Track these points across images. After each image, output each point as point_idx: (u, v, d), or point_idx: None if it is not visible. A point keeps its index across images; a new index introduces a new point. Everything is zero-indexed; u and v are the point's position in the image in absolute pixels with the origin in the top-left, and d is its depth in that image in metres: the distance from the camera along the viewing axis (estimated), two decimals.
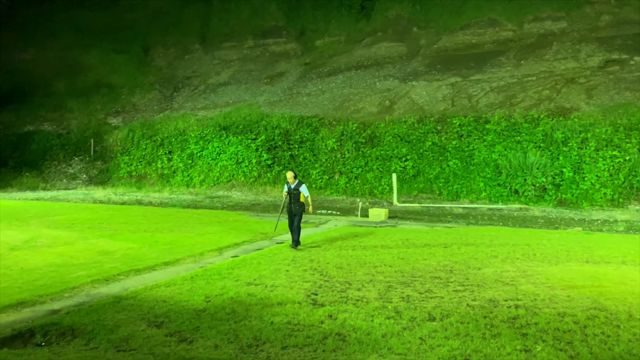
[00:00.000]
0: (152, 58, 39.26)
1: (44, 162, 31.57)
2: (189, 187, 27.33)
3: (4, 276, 8.28)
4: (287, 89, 31.79)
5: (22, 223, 14.83)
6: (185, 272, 8.59)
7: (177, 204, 21.84)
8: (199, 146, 28.61)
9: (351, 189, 24.19)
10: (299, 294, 7.16)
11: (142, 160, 29.83)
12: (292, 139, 26.90)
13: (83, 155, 32.06)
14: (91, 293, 7.31)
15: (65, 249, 10.79)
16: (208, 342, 5.29)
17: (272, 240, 12.38)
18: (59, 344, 5.38)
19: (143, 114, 33.70)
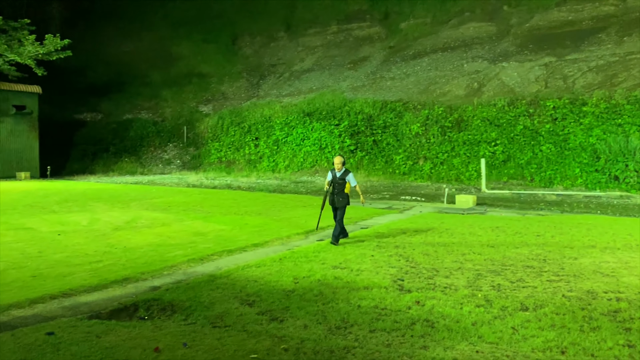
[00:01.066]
0: (239, 47, 40.41)
1: (142, 148, 33.59)
2: (274, 172, 28.01)
3: (109, 254, 8.95)
4: (371, 73, 31.55)
5: (124, 205, 15.92)
6: (273, 254, 8.85)
7: (263, 188, 22.47)
8: (283, 132, 29.19)
9: (436, 174, 23.70)
10: (385, 279, 7.15)
11: (231, 146, 30.93)
12: (375, 124, 26.72)
13: (177, 142, 33.75)
14: (188, 271, 7.72)
15: (162, 229, 11.47)
16: (298, 322, 5.43)
17: (356, 224, 12.43)
18: (160, 318, 5.74)
19: (231, 101, 34.85)
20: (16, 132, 30.21)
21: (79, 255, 8.74)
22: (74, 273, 7.53)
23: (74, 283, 6.93)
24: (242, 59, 39.22)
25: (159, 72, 38.59)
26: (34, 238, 10.43)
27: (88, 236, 10.61)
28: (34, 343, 4.81)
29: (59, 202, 16.60)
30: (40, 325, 5.32)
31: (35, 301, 6.17)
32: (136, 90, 37.38)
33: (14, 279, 7.21)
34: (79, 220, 12.76)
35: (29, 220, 12.91)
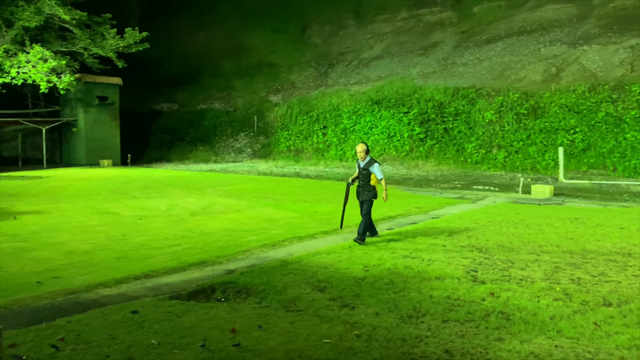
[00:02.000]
0: (308, 36, 40.60)
1: (215, 137, 34.64)
2: (342, 160, 28.08)
3: (187, 238, 9.34)
4: (442, 59, 30.81)
5: (199, 192, 16.53)
6: (343, 242, 8.91)
7: (331, 176, 22.60)
8: (351, 121, 29.15)
9: (511, 163, 22.90)
10: (458, 269, 7.03)
11: (299, 135, 31.28)
12: (446, 111, 26.13)
13: (247, 131, 34.54)
14: (261, 256, 7.93)
15: (236, 215, 11.83)
16: (369, 309, 5.45)
17: (427, 214, 12.26)
18: (236, 300, 5.94)
19: (300, 90, 35.15)
20: (99, 121, 32.03)
21: (159, 239, 9.19)
22: (155, 255, 7.93)
23: (155, 265, 7.30)
24: (310, 47, 39.41)
25: (230, 62, 39.53)
26: (118, 222, 11.07)
27: (167, 221, 11.12)
28: (121, 320, 5.12)
29: (139, 189, 17.49)
30: (125, 304, 5.65)
31: (120, 281, 6.56)
32: (209, 81, 38.51)
33: (100, 260, 7.70)
34: (158, 206, 13.40)
35: (112, 205, 13.70)
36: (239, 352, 4.37)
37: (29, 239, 9.27)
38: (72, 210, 12.81)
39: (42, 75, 27.05)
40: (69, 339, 4.61)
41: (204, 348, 4.44)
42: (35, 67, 26.83)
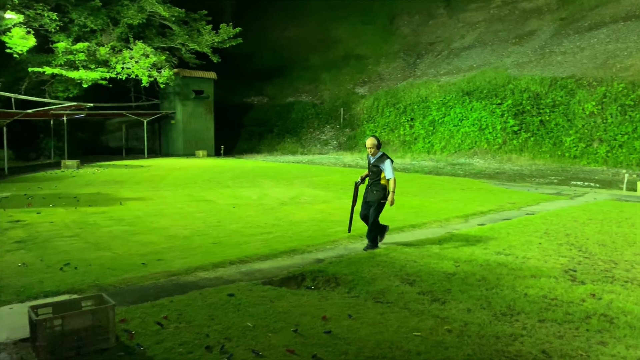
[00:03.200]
0: (396, 26, 40.10)
1: (302, 130, 35.25)
2: (429, 153, 27.57)
3: (278, 226, 9.62)
4: (539, 48, 29.29)
5: (288, 182, 16.93)
6: (432, 236, 8.78)
7: (419, 169, 22.27)
8: (440, 113, 28.51)
9: (613, 158, 21.40)
10: (555, 268, 6.71)
11: (385, 127, 31.08)
12: (543, 102, 24.85)
13: (334, 123, 34.82)
14: (348, 247, 8.01)
15: (323, 206, 12.01)
16: (460, 305, 5.36)
17: (521, 210, 11.77)
18: (325, 289, 6.06)
19: (387, 82, 34.87)
20: (195, 114, 33.64)
21: (251, 226, 9.55)
22: (248, 242, 8.25)
23: (248, 251, 7.60)
24: (399, 38, 38.92)
25: (318, 55, 39.97)
26: (213, 209, 11.62)
27: (258, 209, 11.51)
28: (218, 302, 5.39)
29: (232, 178, 18.22)
30: (222, 287, 5.94)
31: (217, 265, 6.89)
32: (298, 74, 39.19)
33: (198, 245, 8.13)
34: (250, 195, 13.90)
35: (208, 193, 14.39)
36: (330, 339, 4.46)
37: (134, 223, 9.97)
38: (171, 197, 13.60)
39: (144, 70, 28.83)
40: (172, 318, 4.92)
41: (297, 333, 4.58)
42: (138, 62, 28.64)
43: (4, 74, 25.93)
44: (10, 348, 4.32)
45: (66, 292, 5.78)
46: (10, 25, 24.56)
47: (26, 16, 25.37)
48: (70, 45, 27.36)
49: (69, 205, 12.03)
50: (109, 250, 7.79)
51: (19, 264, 6.97)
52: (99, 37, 29.09)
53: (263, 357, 4.10)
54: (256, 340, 4.42)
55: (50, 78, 28.45)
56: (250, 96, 39.42)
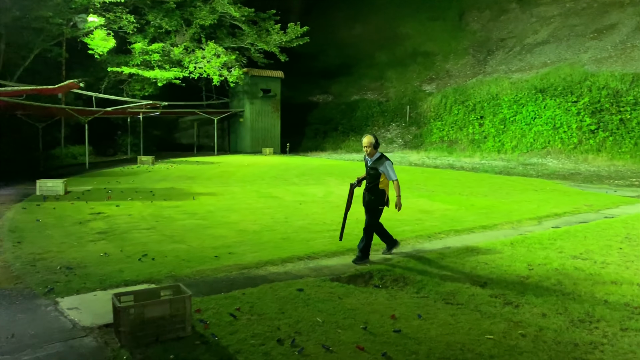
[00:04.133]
0: (466, 22, 39.13)
1: (366, 128, 35.12)
2: (499, 153, 26.73)
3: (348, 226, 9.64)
4: (619, 42, 27.69)
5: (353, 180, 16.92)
6: (504, 238, 8.53)
7: (488, 169, 21.65)
8: (511, 111, 27.58)
9: None
10: (637, 275, 6.35)
11: (453, 125, 30.42)
12: (623, 100, 23.48)
13: (399, 121, 34.47)
14: (416, 247, 7.92)
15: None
16: (534, 309, 5.18)
17: (599, 213, 11.20)
18: (393, 288, 6.03)
19: (456, 79, 34.11)
20: (263, 112, 34.32)
21: (318, 223, 9.64)
22: (315, 239, 8.34)
23: (315, 247, 7.68)
24: (468, 34, 37.95)
25: (384, 53, 39.67)
26: (280, 205, 11.82)
27: (324, 206, 11.60)
28: (288, 296, 5.49)
29: (298, 175, 18.45)
30: (291, 282, 6.04)
31: (286, 260, 7.02)
32: (363, 72, 39.08)
33: (267, 240, 8.31)
34: (316, 192, 14.02)
35: (275, 189, 14.65)
36: (400, 338, 4.44)
37: (206, 217, 10.33)
38: (240, 193, 13.96)
39: (215, 69, 29.72)
40: (244, 310, 5.07)
41: (366, 330, 4.59)
42: (210, 62, 29.56)
43: (86, 74, 27.50)
44: (95, 332, 4.60)
45: (144, 282, 6.08)
46: (93, 28, 26.00)
47: (106, 19, 26.76)
48: (146, 46, 28.63)
49: (145, 199, 12.62)
50: (184, 243, 8.10)
51: (101, 254, 7.39)
52: (173, 38, 30.26)
53: (333, 353, 4.15)
54: (326, 335, 4.47)
55: (127, 77, 29.90)
56: (315, 94, 39.71)
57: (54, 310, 5.15)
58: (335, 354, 4.12)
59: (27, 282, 6.08)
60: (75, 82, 14.44)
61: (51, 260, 7.02)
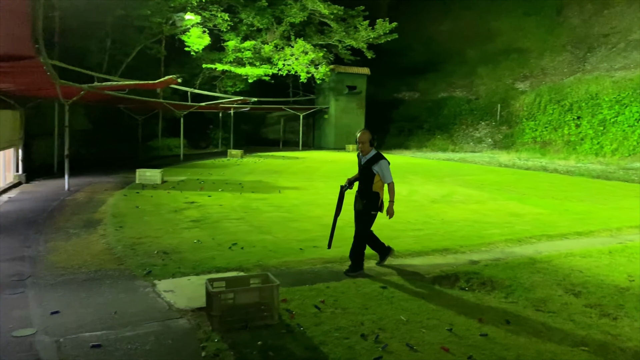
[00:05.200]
0: (565, 18, 37.02)
1: (454, 126, 34.26)
2: (598, 156, 25.10)
3: (428, 224, 9.52)
4: None
5: (438, 180, 16.62)
6: (601, 246, 8.03)
7: (584, 173, 20.41)
8: (613, 111, 25.80)
9: None
10: None
11: (547, 125, 28.95)
12: None
13: (489, 120, 33.30)
14: (505, 251, 7.65)
15: (477, 206, 11.59)
16: (635, 323, 4.85)
17: None
18: (480, 291, 5.87)
19: (551, 77, 32.41)
20: (347, 109, 34.47)
21: (401, 222, 9.57)
22: (399, 237, 8.29)
23: (399, 246, 7.63)
24: (567, 30, 35.86)
25: (475, 49, 38.43)
26: None
27: (408, 205, 11.49)
28: (371, 293, 5.51)
29: None
30: (375, 279, 6.05)
31: (369, 257, 6.99)
32: (452, 69, 38.10)
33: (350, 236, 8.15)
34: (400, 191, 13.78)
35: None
36: (487, 342, 4.33)
37: (291, 211, 10.57)
38: (324, 188, 14.14)
39: (303, 66, 30.24)
40: (328, 303, 5.15)
41: (451, 332, 4.52)
42: (298, 59, 30.11)
43: (182, 70, 28.95)
44: (189, 315, 4.87)
45: (234, 269, 6.34)
46: (189, 26, 27.31)
47: (202, 17, 28.00)
48: (238, 44, 29.67)
49: (234, 191, 13.12)
50: (270, 234, 8.36)
51: (194, 241, 7.79)
52: (264, 36, 31.12)
53: (417, 352, 4.12)
54: (410, 334, 4.46)
55: (220, 74, 31.15)
56: (401, 91, 39.26)
57: (151, 292, 5.51)
58: (420, 354, 4.10)
59: (127, 264, 6.54)
60: (174, 77, 15.26)
61: (149, 245, 7.50)
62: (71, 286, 5.64)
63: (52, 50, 19.29)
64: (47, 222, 9.04)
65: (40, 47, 8.24)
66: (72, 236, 8.02)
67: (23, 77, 10.26)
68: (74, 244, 7.53)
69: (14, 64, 8.87)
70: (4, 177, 13.37)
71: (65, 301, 5.15)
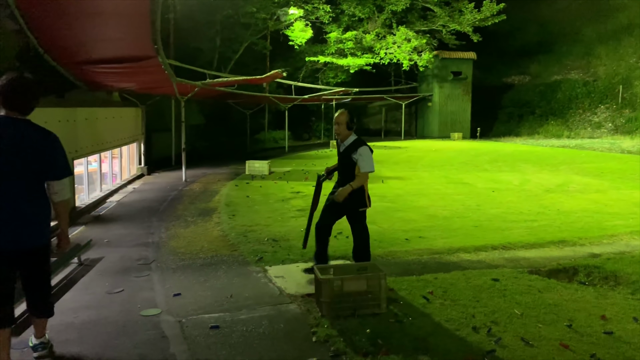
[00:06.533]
0: None
1: (569, 111, 32.07)
2: None
3: (543, 215, 9.02)
4: None
5: (552, 168, 15.67)
6: None
7: None
8: None
9: None
10: None
11: None
12: None
13: (609, 103, 30.76)
14: (631, 244, 7.05)
15: (597, 196, 10.78)
16: None
17: None
18: (602, 286, 5.46)
19: None
20: (452, 96, 33.47)
21: (513, 212, 9.15)
22: (511, 228, 7.94)
23: (511, 238, 7.31)
24: None
25: (592, 27, 35.54)
26: (471, 192, 11.47)
27: (520, 195, 10.96)
28: (482, 285, 5.33)
29: (489, 162, 17.68)
30: (485, 271, 5.84)
31: (479, 249, 6.80)
32: (566, 50, 35.59)
33: (458, 227, 8.14)
34: (510, 180, 13.30)
35: (464, 176, 14.25)
36: (612, 340, 4.03)
37: (394, 201, 10.50)
38: (428, 178, 13.89)
39: (405, 54, 29.80)
40: (437, 294, 5.06)
41: (571, 329, 4.25)
42: (400, 47, 29.71)
43: (286, 64, 29.75)
44: (299, 300, 5.01)
45: (341, 258, 6.44)
46: (293, 20, 27.94)
47: (305, 10, 28.51)
48: (340, 35, 29.86)
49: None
50: (374, 224, 8.35)
51: (301, 229, 7.97)
52: (365, 25, 31.05)
53: (534, 347, 3.93)
54: (525, 328, 4.25)
55: (322, 66, 31.57)
56: (510, 75, 37.33)
57: (263, 277, 5.75)
58: (536, 349, 3.90)
59: (240, 251, 6.87)
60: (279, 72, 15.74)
61: (259, 232, 7.82)
62: (190, 270, 6.04)
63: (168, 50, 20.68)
64: (167, 211, 9.74)
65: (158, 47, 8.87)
66: (190, 224, 8.58)
67: (144, 76, 11.11)
68: (192, 231, 8.05)
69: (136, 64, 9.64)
70: (129, 170, 14.59)
71: (185, 284, 5.52)
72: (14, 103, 3.35)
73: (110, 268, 6.18)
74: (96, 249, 6.97)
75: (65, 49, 9.12)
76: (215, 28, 25.19)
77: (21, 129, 3.36)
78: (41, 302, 3.69)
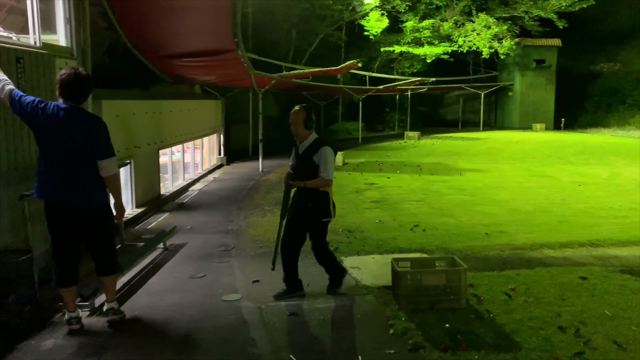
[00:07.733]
0: None
1: None
2: None
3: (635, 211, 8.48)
4: None
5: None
6: None
7: None
8: None
9: None
10: None
11: None
12: None
13: None
14: None
15: None
16: None
17: None
18: None
19: None
20: (534, 85, 31.99)
21: (602, 208, 8.65)
22: (599, 224, 7.50)
23: (600, 234, 6.90)
24: None
25: None
26: (555, 186, 10.95)
27: (609, 190, 10.34)
28: (569, 283, 5.07)
29: (574, 154, 16.78)
30: (572, 268, 5.55)
31: (565, 245, 6.48)
32: None
33: (542, 222, 7.80)
34: (598, 173, 12.57)
35: (548, 168, 13.61)
36: None
37: (474, 194, 10.21)
38: (509, 171, 13.38)
39: (485, 42, 28.78)
40: (519, 291, 4.87)
41: None
42: (479, 34, 28.71)
43: (361, 55, 29.59)
44: (375, 292, 4.99)
45: (417, 251, 6.34)
46: (368, 10, 27.71)
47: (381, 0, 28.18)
48: (417, 24, 29.28)
49: (413, 173, 13.09)
50: (453, 217, 8.17)
51: (376, 221, 7.96)
52: (443, 13, 30.25)
53: (627, 351, 3.70)
54: (617, 330, 4.01)
55: (397, 56, 31.13)
56: (598, 63, 35.04)
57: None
58: (630, 353, 3.67)
59: None
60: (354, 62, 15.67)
61: (334, 223, 7.82)
62: (268, 258, 6.15)
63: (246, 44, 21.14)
64: (245, 200, 10.02)
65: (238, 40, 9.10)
66: (267, 213, 8.77)
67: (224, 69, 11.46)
68: (269, 220, 8.22)
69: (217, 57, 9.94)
70: (209, 160, 15.12)
71: (263, 271, 5.65)
72: (71, 94, 3.88)
73: (193, 254, 6.44)
74: (180, 235, 7.28)
75: (151, 43, 9.58)
76: (291, 21, 25.47)
77: (78, 116, 3.90)
78: (105, 260, 4.15)
